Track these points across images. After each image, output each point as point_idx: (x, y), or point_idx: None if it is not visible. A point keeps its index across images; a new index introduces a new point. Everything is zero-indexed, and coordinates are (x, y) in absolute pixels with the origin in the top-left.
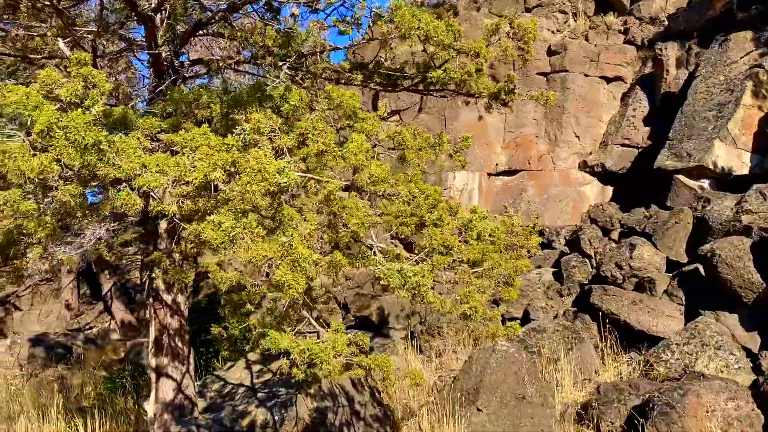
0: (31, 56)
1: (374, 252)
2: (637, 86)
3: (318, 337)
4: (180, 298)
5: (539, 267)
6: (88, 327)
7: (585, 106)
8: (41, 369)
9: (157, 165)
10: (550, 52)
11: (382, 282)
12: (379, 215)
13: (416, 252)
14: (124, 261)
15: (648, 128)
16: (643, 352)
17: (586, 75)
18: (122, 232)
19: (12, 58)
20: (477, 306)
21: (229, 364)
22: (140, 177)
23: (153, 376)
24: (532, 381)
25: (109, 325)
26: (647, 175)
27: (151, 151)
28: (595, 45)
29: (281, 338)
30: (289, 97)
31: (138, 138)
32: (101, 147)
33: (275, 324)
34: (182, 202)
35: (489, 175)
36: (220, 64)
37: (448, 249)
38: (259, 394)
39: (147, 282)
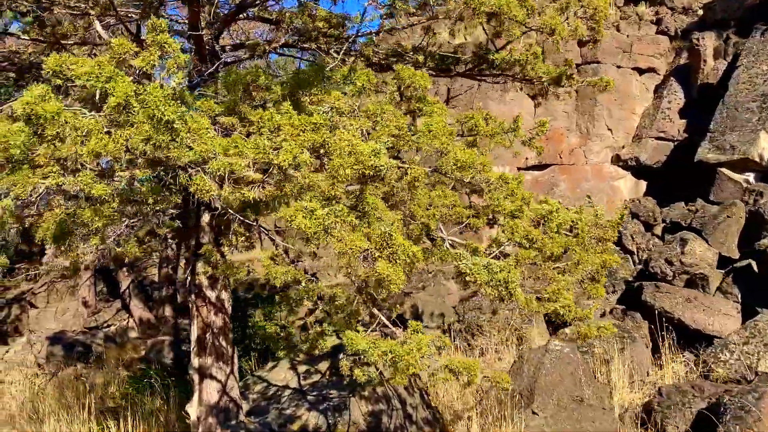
0: (62, 42)
1: (446, 245)
2: (672, 78)
3: (391, 338)
4: (224, 295)
5: None
6: (106, 325)
7: (617, 98)
8: (62, 367)
9: (235, 146)
10: (581, 43)
11: (467, 278)
12: (449, 207)
13: (492, 246)
14: (154, 256)
15: (684, 121)
16: (701, 352)
17: (619, 66)
18: (139, 228)
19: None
20: (570, 304)
21: (271, 364)
22: (215, 160)
23: (196, 377)
24: (588, 382)
25: (128, 323)
26: (684, 169)
27: None
28: (627, 36)
29: (358, 339)
30: (355, 79)
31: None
32: (174, 126)
33: (344, 323)
34: (262, 187)
35: (519, 169)
36: (265, 48)
37: (531, 242)
38: (309, 397)
39: (188, 278)
